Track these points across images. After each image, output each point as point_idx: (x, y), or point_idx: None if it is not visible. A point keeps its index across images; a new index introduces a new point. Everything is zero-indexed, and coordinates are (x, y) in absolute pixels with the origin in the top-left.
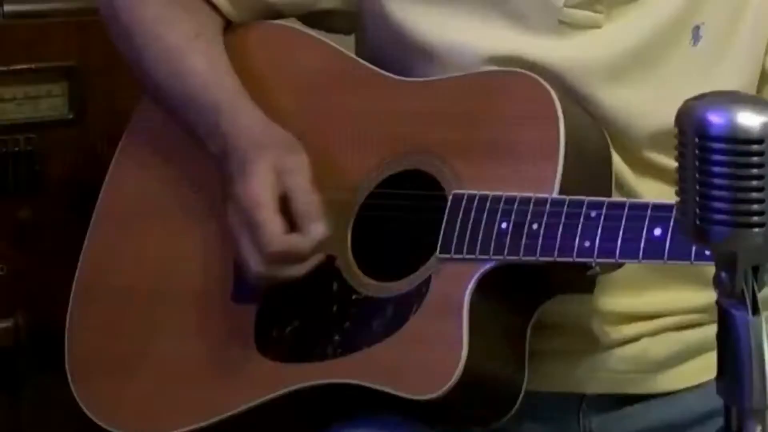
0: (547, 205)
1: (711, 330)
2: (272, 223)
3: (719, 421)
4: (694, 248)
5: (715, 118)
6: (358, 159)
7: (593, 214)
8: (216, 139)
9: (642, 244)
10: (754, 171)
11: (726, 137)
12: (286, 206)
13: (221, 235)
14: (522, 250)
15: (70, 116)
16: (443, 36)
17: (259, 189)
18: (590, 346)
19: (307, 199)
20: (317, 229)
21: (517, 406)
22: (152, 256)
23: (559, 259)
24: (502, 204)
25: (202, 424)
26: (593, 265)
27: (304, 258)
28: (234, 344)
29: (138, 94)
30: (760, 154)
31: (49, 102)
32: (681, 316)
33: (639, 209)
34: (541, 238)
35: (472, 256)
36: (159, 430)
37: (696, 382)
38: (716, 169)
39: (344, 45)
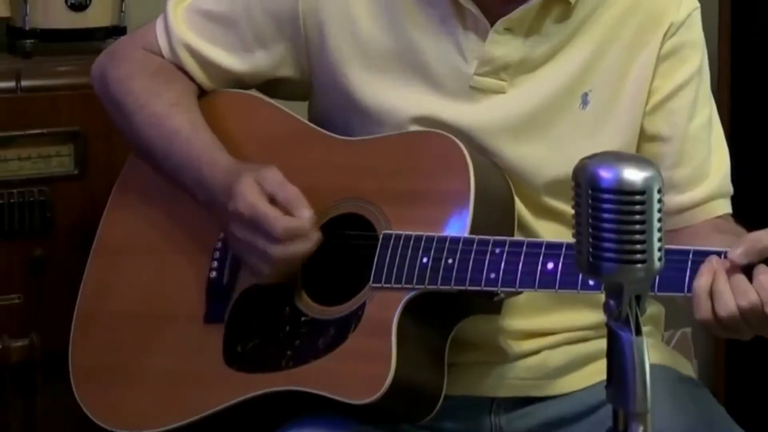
0: (460, 244)
1: (599, 344)
2: (272, 211)
3: (604, 411)
4: (579, 279)
5: (605, 174)
6: None
7: (497, 251)
8: (202, 186)
9: (537, 276)
10: (638, 217)
11: (614, 189)
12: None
13: (196, 267)
14: (440, 280)
15: (76, 172)
16: (378, 100)
17: (250, 195)
18: (499, 358)
19: (288, 192)
20: (307, 212)
21: (437, 407)
22: (139, 284)
23: (469, 288)
24: (423, 242)
25: (181, 423)
26: (498, 292)
27: (306, 235)
28: (206, 357)
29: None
30: (642, 203)
31: (58, 160)
32: (574, 332)
33: (535, 247)
34: (455, 271)
35: (399, 286)
36: (147, 429)
37: (587, 385)
38: (606, 215)
39: (299, 109)
